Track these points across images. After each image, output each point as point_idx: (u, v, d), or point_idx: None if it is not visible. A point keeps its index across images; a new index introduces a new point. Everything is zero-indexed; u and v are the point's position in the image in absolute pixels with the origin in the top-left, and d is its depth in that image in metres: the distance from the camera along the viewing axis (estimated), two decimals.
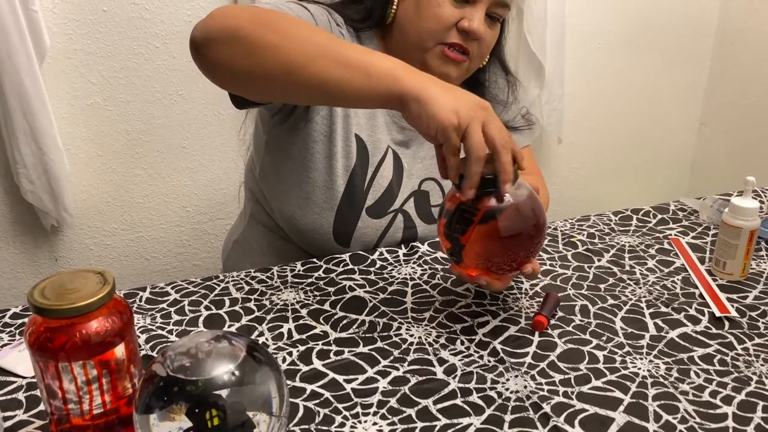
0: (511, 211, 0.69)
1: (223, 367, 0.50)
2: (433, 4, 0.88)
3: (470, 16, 0.88)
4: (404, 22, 0.91)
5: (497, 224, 0.68)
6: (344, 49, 0.69)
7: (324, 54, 0.68)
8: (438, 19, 0.88)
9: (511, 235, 0.69)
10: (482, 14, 0.89)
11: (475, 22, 0.88)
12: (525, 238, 0.70)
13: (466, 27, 0.88)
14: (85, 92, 1.39)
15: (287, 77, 0.69)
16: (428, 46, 0.90)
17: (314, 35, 0.70)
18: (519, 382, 0.65)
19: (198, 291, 0.83)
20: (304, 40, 0.69)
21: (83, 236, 1.49)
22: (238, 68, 0.71)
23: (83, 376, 0.52)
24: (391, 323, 0.76)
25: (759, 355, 0.70)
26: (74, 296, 0.52)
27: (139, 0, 1.36)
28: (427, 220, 0.99)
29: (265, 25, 0.70)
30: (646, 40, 1.92)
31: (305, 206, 0.92)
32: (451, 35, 0.89)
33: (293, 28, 0.70)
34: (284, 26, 0.70)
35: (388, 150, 0.96)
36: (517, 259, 0.71)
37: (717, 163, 2.09)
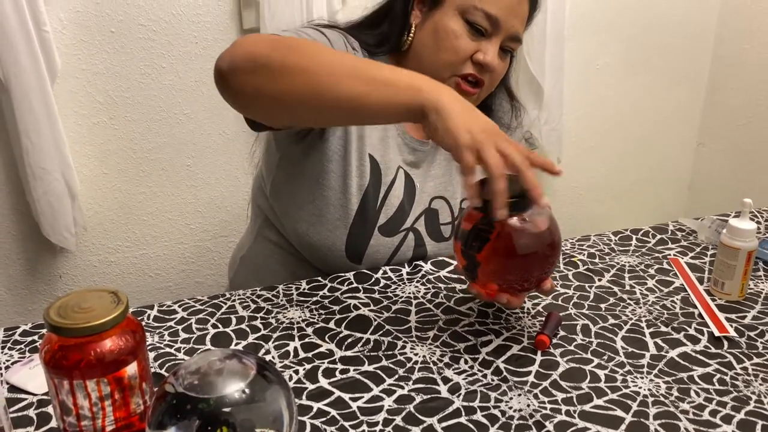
0: (527, 229, 0.70)
1: (234, 385, 0.51)
2: (451, 36, 0.90)
3: (485, 50, 0.90)
4: (421, 50, 0.93)
5: (513, 243, 0.70)
6: (368, 67, 0.70)
7: (349, 73, 0.69)
8: (456, 51, 0.90)
9: (526, 254, 0.70)
10: (497, 48, 0.91)
11: (489, 55, 0.90)
12: (540, 257, 0.71)
13: (481, 60, 0.90)
14: (92, 111, 1.41)
15: (314, 100, 0.70)
16: (444, 77, 0.91)
17: (337, 57, 0.72)
18: (522, 401, 0.67)
19: (205, 309, 0.84)
20: (328, 63, 0.71)
21: (88, 253, 1.50)
22: (266, 94, 0.72)
23: (97, 393, 0.53)
24: (396, 342, 0.77)
25: (758, 375, 0.71)
26: (89, 315, 0.53)
27: (146, 21, 1.39)
28: (437, 238, 1.00)
29: (288, 50, 0.72)
30: (643, 61, 1.95)
31: (319, 223, 0.93)
32: (466, 67, 0.91)
33: (316, 51, 0.72)
34: (307, 50, 0.72)
35: (399, 170, 0.98)
36: (530, 278, 0.72)
37: (715, 183, 2.11)
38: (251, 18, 1.44)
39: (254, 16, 1.43)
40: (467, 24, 0.90)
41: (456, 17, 0.90)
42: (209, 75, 1.51)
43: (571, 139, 1.88)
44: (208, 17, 1.43)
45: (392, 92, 0.69)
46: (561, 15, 1.69)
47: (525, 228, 0.70)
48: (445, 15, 0.91)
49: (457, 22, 0.90)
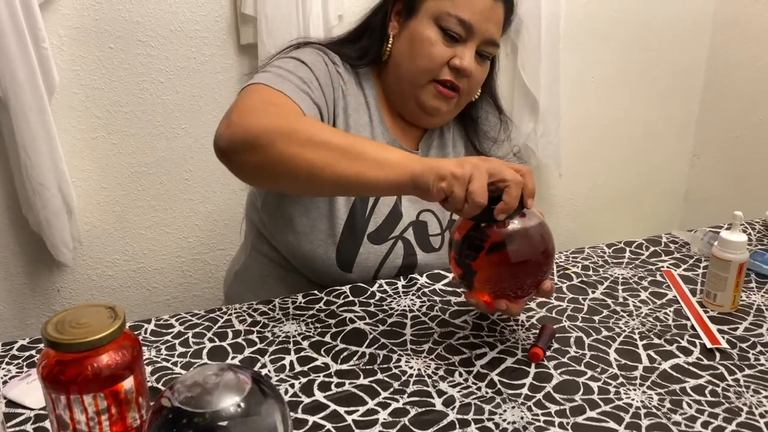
0: (520, 237, 0.71)
1: (229, 399, 0.51)
2: (427, 43, 0.92)
3: (461, 55, 0.93)
4: (399, 59, 0.96)
5: (507, 250, 0.71)
6: (359, 147, 0.73)
7: (342, 155, 0.73)
8: (431, 57, 0.93)
9: (520, 262, 0.72)
10: (472, 52, 0.93)
11: (465, 60, 0.92)
12: (533, 264, 0.72)
13: (457, 65, 0.93)
14: (90, 126, 1.42)
15: (310, 180, 0.75)
16: (421, 83, 0.94)
17: (332, 138, 0.74)
18: (516, 413, 0.67)
19: (201, 323, 0.85)
20: (322, 145, 0.73)
21: (86, 267, 1.51)
22: (264, 174, 0.79)
23: (94, 407, 0.54)
24: (391, 355, 0.77)
25: (749, 386, 0.72)
26: (86, 330, 0.54)
27: (144, 38, 1.40)
28: (426, 248, 1.01)
29: (284, 133, 0.74)
30: (638, 74, 1.97)
31: (309, 235, 0.94)
32: (443, 72, 0.94)
33: (311, 133, 0.74)
34: (303, 133, 0.74)
35: None
36: (524, 286, 0.73)
37: (710, 195, 2.13)
38: (249, 34, 1.46)
39: (252, 32, 1.45)
40: (442, 31, 0.92)
41: (431, 25, 0.93)
42: (207, 90, 1.53)
43: (567, 151, 1.90)
44: (206, 33, 1.45)
45: (381, 173, 0.71)
46: (555, 28, 1.71)
47: (518, 236, 0.71)
48: (420, 23, 0.93)
49: (432, 30, 0.92)
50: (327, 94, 0.93)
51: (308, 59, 0.92)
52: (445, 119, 1.02)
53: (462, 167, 0.68)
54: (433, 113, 0.98)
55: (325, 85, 0.93)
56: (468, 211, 0.68)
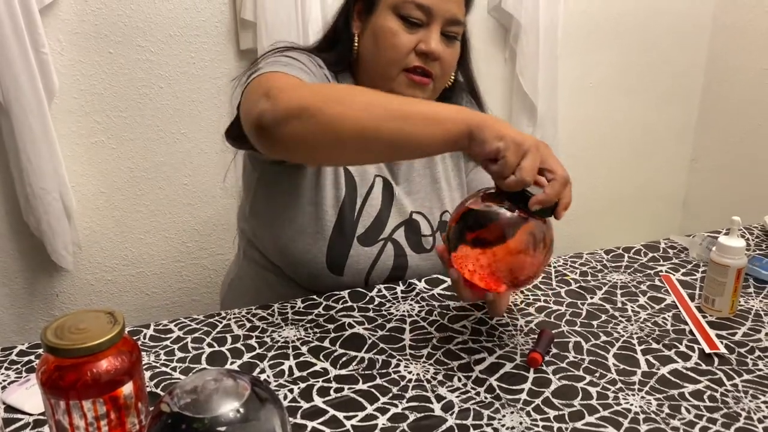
0: (531, 231, 0.71)
1: (228, 404, 0.51)
2: (389, 34, 0.93)
3: (426, 39, 0.93)
4: (367, 57, 0.97)
5: (517, 239, 0.70)
6: (406, 106, 0.72)
7: (391, 115, 0.71)
8: (395, 47, 0.93)
9: (522, 253, 0.71)
10: (437, 35, 0.93)
11: (432, 44, 0.92)
12: (533, 262, 0.72)
13: (424, 49, 0.93)
14: (89, 131, 1.42)
15: (362, 143, 0.72)
16: (393, 75, 0.95)
17: (375, 98, 0.73)
18: (515, 419, 0.67)
19: (200, 328, 0.85)
20: (369, 105, 0.72)
21: (85, 272, 1.51)
22: (314, 143, 0.74)
23: (93, 412, 0.54)
24: (390, 360, 0.77)
25: (747, 391, 0.72)
26: (85, 336, 0.54)
27: (144, 42, 1.41)
28: (417, 249, 1.01)
29: (329, 98, 0.73)
30: (637, 79, 1.98)
31: (298, 237, 0.95)
32: (412, 60, 0.94)
33: (354, 96, 0.74)
34: (347, 97, 0.73)
35: (375, 179, 0.99)
36: (517, 279, 0.72)
37: (710, 199, 2.13)
38: (248, 39, 1.46)
39: (251, 37, 1.45)
40: (402, 19, 0.93)
41: (391, 16, 0.93)
42: (206, 95, 1.53)
43: (565, 157, 1.89)
44: (206, 38, 1.45)
45: (437, 129, 0.70)
46: (554, 34, 1.71)
47: (530, 229, 0.71)
48: (381, 17, 0.94)
49: (392, 20, 0.93)
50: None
51: (300, 57, 0.93)
52: None
53: (523, 138, 0.68)
54: None
55: (319, 80, 0.93)
56: (510, 183, 0.67)
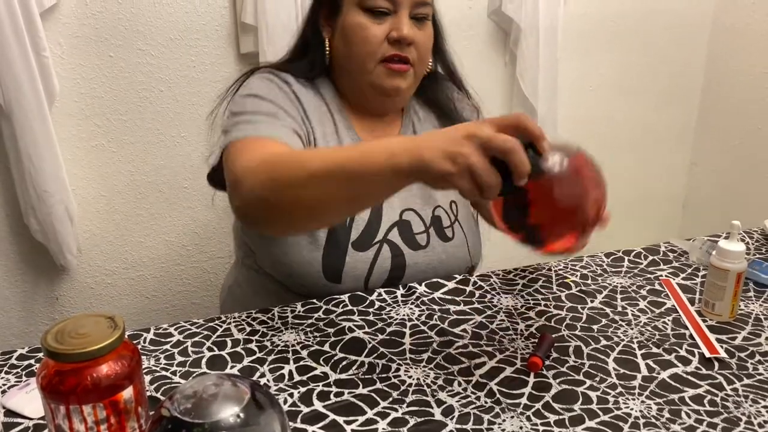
0: (559, 177, 0.67)
1: (228, 409, 0.51)
2: (359, 29, 0.94)
3: (396, 25, 0.93)
4: (342, 57, 0.98)
5: (553, 194, 0.67)
6: (351, 165, 0.69)
7: (342, 182, 0.69)
8: (367, 40, 0.93)
9: (571, 195, 0.68)
10: (406, 19, 0.94)
11: (403, 29, 0.93)
12: (585, 193, 0.69)
13: (395, 36, 0.93)
14: (90, 134, 1.43)
15: (326, 214, 0.76)
16: (370, 68, 0.95)
17: (324, 168, 0.70)
18: (515, 423, 0.67)
19: (200, 332, 0.85)
20: (319, 179, 0.70)
21: (84, 275, 1.51)
22: (286, 223, 0.80)
23: (93, 417, 0.54)
24: (390, 364, 0.77)
25: (748, 396, 0.72)
26: (85, 341, 0.54)
27: (144, 46, 1.41)
28: (413, 246, 1.01)
29: (282, 184, 0.74)
30: (637, 82, 1.98)
31: (292, 250, 0.94)
32: (386, 49, 0.94)
33: (304, 171, 0.72)
34: (298, 176, 0.72)
35: None
36: (586, 216, 0.69)
37: (709, 202, 2.13)
38: (249, 43, 1.46)
39: (252, 41, 1.46)
40: (369, 12, 0.93)
41: (357, 11, 0.94)
42: (207, 98, 1.53)
43: None
44: (206, 42, 1.46)
45: (388, 181, 0.68)
46: (553, 38, 1.72)
47: (557, 176, 0.67)
48: (347, 15, 0.95)
49: (359, 15, 0.94)
50: (295, 115, 0.94)
51: (263, 91, 0.94)
52: (409, 93, 1.02)
53: (453, 163, 0.62)
54: (393, 93, 0.97)
55: (289, 108, 0.94)
56: (489, 195, 0.64)
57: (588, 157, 0.71)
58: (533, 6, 1.66)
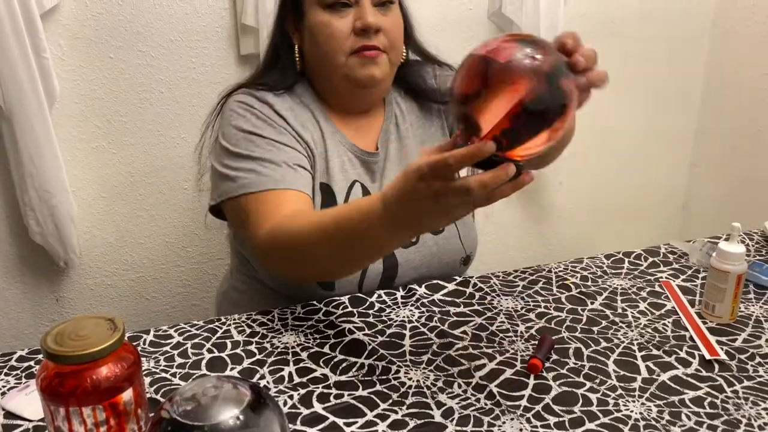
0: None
1: (228, 411, 0.51)
2: (322, 27, 0.93)
3: (359, 15, 0.92)
4: (313, 59, 0.98)
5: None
6: (346, 243, 0.76)
7: (355, 262, 0.82)
8: (332, 36, 0.93)
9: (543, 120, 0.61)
10: (369, 7, 0.93)
11: (367, 18, 0.92)
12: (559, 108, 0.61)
13: (360, 26, 0.92)
14: (90, 136, 1.42)
15: (337, 273, 0.88)
16: (341, 62, 0.94)
17: (331, 241, 0.77)
18: (515, 425, 0.67)
19: (200, 334, 0.85)
20: (320, 257, 0.81)
21: (85, 277, 1.51)
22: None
23: (92, 419, 0.54)
24: (390, 366, 0.77)
25: (748, 398, 0.72)
26: (85, 343, 0.54)
27: (144, 48, 1.41)
28: (404, 244, 1.00)
29: (296, 268, 0.87)
30: (637, 83, 1.98)
31: None
32: (354, 42, 0.93)
33: (314, 249, 0.80)
34: (301, 253, 0.82)
35: (354, 185, 0.99)
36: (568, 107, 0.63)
37: (709, 205, 2.13)
38: (249, 44, 1.46)
39: (252, 43, 1.46)
40: (330, 8, 0.93)
41: (317, 10, 0.94)
42: (207, 100, 1.53)
43: (566, 161, 1.90)
44: (206, 43, 1.45)
45: (381, 247, 0.77)
46: (553, 37, 1.71)
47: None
48: (311, 16, 0.95)
49: (321, 14, 0.93)
50: (288, 141, 0.94)
51: (252, 124, 0.94)
52: (386, 83, 1.00)
53: (436, 220, 0.68)
54: (369, 82, 0.96)
55: (281, 138, 0.94)
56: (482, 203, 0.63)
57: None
58: (533, 7, 1.66)
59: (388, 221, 0.69)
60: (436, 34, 1.65)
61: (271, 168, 0.90)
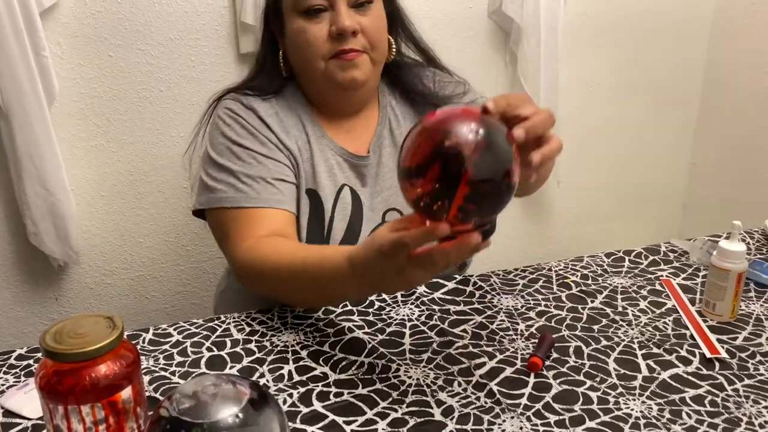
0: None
1: (227, 410, 0.51)
2: (301, 34, 0.93)
3: (334, 20, 0.91)
4: (296, 65, 0.98)
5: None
6: (311, 288, 0.81)
7: (305, 291, 0.84)
8: (309, 42, 0.93)
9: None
10: (345, 10, 0.91)
11: (342, 22, 0.90)
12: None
13: (335, 31, 0.91)
14: (89, 134, 1.42)
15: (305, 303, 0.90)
16: (321, 67, 0.94)
17: (298, 281, 0.81)
18: (515, 424, 0.67)
19: (200, 332, 0.85)
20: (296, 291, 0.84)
21: (84, 276, 1.51)
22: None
23: (91, 417, 0.54)
24: (390, 365, 0.77)
25: (749, 396, 0.71)
26: (84, 341, 0.54)
27: (144, 46, 1.41)
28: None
29: (270, 292, 0.88)
30: (637, 82, 1.97)
31: None
32: (331, 46, 0.93)
33: (282, 282, 0.83)
34: (278, 285, 0.85)
35: (343, 189, 0.99)
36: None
37: (710, 202, 2.13)
38: (248, 43, 1.46)
39: (252, 41, 1.45)
40: (305, 14, 0.92)
41: (295, 17, 0.93)
42: (206, 98, 1.52)
43: (565, 160, 1.90)
44: (206, 42, 1.45)
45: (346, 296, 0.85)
46: (554, 37, 1.71)
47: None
48: (288, 24, 0.95)
49: (298, 21, 0.93)
50: (269, 151, 0.94)
51: (233, 133, 0.94)
52: (371, 83, 0.99)
53: (401, 287, 0.71)
54: (351, 85, 0.95)
55: (261, 144, 0.94)
56: (443, 270, 0.66)
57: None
58: (534, 6, 1.66)
59: (353, 281, 0.72)
60: (437, 32, 1.66)
61: (249, 184, 0.91)
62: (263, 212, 0.91)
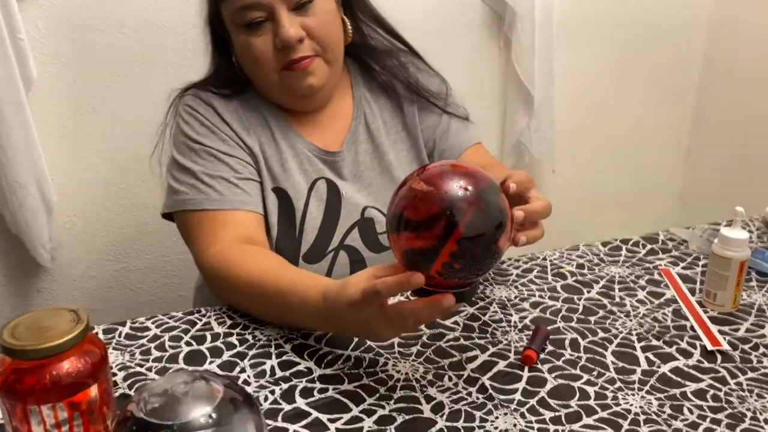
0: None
1: (199, 409, 0.48)
2: (246, 49, 0.89)
3: (276, 31, 0.86)
4: (250, 75, 0.94)
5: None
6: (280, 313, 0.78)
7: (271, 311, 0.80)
8: (256, 58, 0.89)
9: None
10: (285, 18, 0.86)
11: (284, 33, 0.85)
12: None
13: (279, 43, 0.87)
14: (71, 122, 1.38)
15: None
16: (274, 78, 0.90)
17: (267, 304, 0.79)
18: (508, 420, 0.64)
19: (179, 326, 0.81)
20: (263, 310, 0.81)
21: (67, 267, 1.47)
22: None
23: (53, 418, 0.50)
24: (378, 359, 0.74)
25: (753, 390, 0.68)
26: (45, 336, 0.50)
27: (127, 30, 1.36)
28: (376, 249, 0.96)
29: (235, 304, 0.85)
30: (634, 70, 1.94)
31: None
32: (280, 58, 0.88)
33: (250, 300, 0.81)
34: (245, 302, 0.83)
35: (317, 182, 0.95)
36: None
37: (706, 192, 2.11)
38: None
39: None
40: (246, 28, 0.87)
41: (238, 31, 0.89)
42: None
43: (561, 148, 1.87)
44: (191, 28, 1.40)
45: (313, 328, 0.79)
46: (549, 22, 1.68)
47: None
48: (234, 37, 0.91)
49: (241, 35, 0.89)
50: (230, 149, 0.91)
51: (193, 132, 0.91)
52: (329, 84, 0.94)
53: (370, 337, 0.72)
54: (309, 92, 0.91)
55: (221, 142, 0.91)
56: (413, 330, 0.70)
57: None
58: None
59: (323, 319, 0.70)
60: (430, 19, 1.62)
61: (211, 184, 0.88)
62: (228, 215, 0.87)
